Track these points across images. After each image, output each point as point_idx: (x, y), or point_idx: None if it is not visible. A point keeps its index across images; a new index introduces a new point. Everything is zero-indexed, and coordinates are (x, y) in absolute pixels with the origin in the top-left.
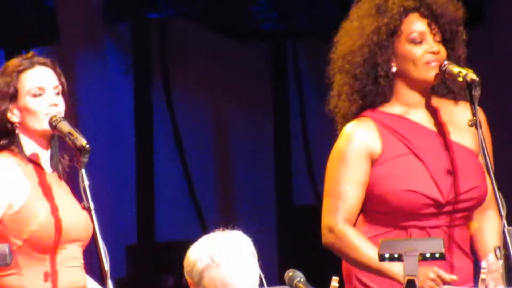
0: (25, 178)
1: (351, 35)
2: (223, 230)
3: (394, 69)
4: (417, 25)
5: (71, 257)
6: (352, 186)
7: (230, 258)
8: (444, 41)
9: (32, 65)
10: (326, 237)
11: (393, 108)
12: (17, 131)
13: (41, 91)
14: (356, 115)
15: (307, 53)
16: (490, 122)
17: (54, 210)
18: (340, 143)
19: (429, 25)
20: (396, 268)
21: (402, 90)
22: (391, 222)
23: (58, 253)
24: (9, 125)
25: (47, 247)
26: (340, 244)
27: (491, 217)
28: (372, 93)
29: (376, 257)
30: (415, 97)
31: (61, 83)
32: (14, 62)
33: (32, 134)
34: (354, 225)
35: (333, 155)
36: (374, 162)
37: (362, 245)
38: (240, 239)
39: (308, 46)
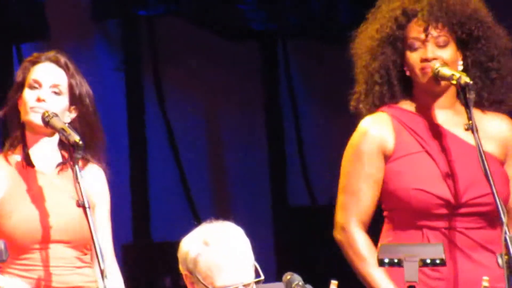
0: (5, 178)
1: (362, 37)
2: (212, 221)
3: (408, 73)
4: (414, 31)
5: (56, 257)
6: (367, 184)
7: (221, 239)
8: (463, 43)
9: (45, 59)
10: (338, 234)
11: (411, 105)
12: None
13: (37, 84)
14: (373, 111)
15: (297, 52)
16: None
17: (33, 211)
18: (355, 138)
19: (426, 30)
20: None
21: (419, 92)
22: (404, 221)
23: (39, 253)
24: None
25: (23, 247)
26: (348, 247)
27: None
28: (387, 94)
29: (377, 277)
30: (433, 99)
31: (70, 85)
32: (37, 54)
33: (26, 125)
34: (369, 225)
35: (348, 151)
36: (387, 158)
37: (368, 259)
38: (230, 224)
39: (299, 45)
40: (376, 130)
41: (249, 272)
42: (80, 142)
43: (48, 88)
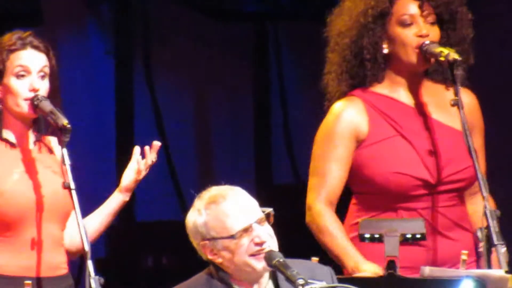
0: None
1: (343, 15)
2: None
3: (385, 51)
4: (407, 7)
5: (45, 235)
6: (336, 166)
7: (221, 195)
8: (442, 22)
9: (24, 46)
10: (307, 217)
11: (383, 89)
12: (1, 107)
13: (26, 73)
14: (345, 94)
15: (288, 34)
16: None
17: (22, 189)
18: (327, 121)
19: (420, 7)
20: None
21: (393, 71)
22: (380, 204)
23: (28, 230)
24: None
25: (13, 225)
26: (313, 224)
27: (480, 201)
28: (359, 75)
29: (342, 245)
30: (406, 79)
31: (51, 67)
32: (8, 38)
33: (11, 113)
34: (337, 205)
35: (320, 133)
36: (360, 142)
37: (336, 233)
38: (227, 186)
39: (290, 27)
40: (349, 114)
41: (257, 210)
42: (69, 126)
43: (36, 74)
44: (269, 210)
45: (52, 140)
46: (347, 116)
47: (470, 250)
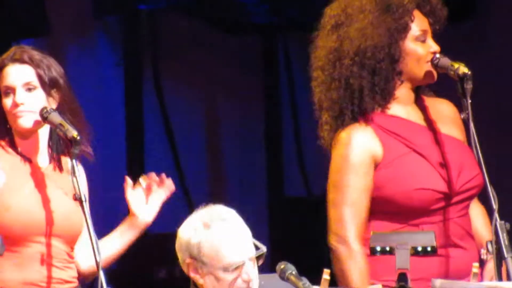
0: (2, 170)
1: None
2: (203, 206)
3: (398, 69)
4: (421, 23)
5: (50, 252)
6: (363, 195)
7: (220, 221)
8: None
9: (9, 62)
10: (336, 245)
11: (385, 108)
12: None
13: (9, 90)
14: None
15: (298, 45)
16: (482, 116)
17: (30, 205)
18: (341, 150)
19: (430, 23)
20: None
21: (399, 89)
22: (401, 221)
23: (33, 247)
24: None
25: (19, 241)
26: (349, 259)
27: (474, 207)
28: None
29: None
30: (408, 96)
31: (40, 76)
32: (5, 56)
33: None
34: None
35: (338, 163)
36: (377, 165)
37: (365, 278)
38: (222, 206)
39: (299, 38)
40: (361, 140)
41: (251, 247)
42: (78, 138)
43: (21, 88)
44: (263, 251)
45: (69, 161)
46: (360, 143)
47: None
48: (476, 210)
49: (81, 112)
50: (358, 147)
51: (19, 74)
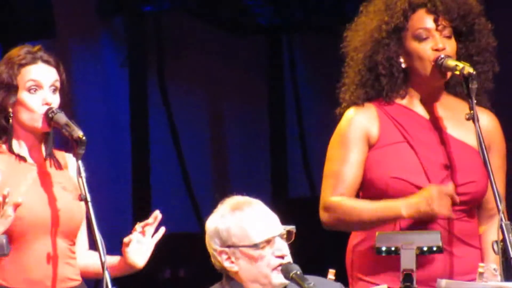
0: None
1: (358, 31)
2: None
3: (403, 65)
4: (422, 21)
5: (52, 249)
6: (350, 167)
7: (246, 204)
8: (460, 35)
9: (34, 60)
10: (323, 217)
11: (401, 100)
12: (11, 121)
13: (38, 87)
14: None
15: (302, 46)
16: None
17: (30, 204)
18: (340, 126)
19: (435, 21)
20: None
21: (412, 86)
22: None
23: (35, 244)
24: (8, 115)
25: (21, 239)
26: (334, 217)
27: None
28: (375, 88)
29: (373, 207)
30: (425, 93)
31: (61, 81)
32: (18, 53)
33: (24, 127)
34: None
35: (333, 138)
36: (371, 146)
37: (358, 204)
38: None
39: (304, 40)
40: (361, 118)
41: (279, 225)
42: (84, 138)
43: (48, 88)
44: (292, 227)
45: (67, 155)
46: (359, 119)
47: (474, 268)
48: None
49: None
50: (354, 124)
51: (47, 74)
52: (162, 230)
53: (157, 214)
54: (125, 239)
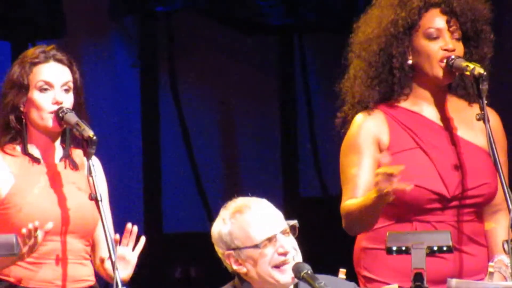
0: (9, 172)
1: (371, 22)
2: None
3: (410, 62)
4: (435, 21)
5: (66, 249)
6: (363, 172)
7: (245, 205)
8: (467, 39)
9: (46, 59)
10: (343, 224)
11: (407, 103)
12: (24, 122)
13: (49, 86)
14: (371, 104)
15: (314, 46)
16: None
17: (42, 204)
18: (350, 133)
19: (448, 22)
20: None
21: (418, 84)
22: (396, 214)
23: (49, 245)
24: (20, 114)
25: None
26: (347, 219)
27: (503, 220)
28: (387, 82)
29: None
30: (430, 93)
31: (74, 80)
32: (32, 53)
33: (36, 128)
34: None
35: (344, 145)
36: (381, 151)
37: (352, 201)
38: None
39: (315, 39)
40: (370, 124)
41: (282, 221)
42: (94, 137)
43: (60, 87)
44: (294, 222)
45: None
46: (368, 126)
47: (485, 267)
48: (501, 226)
49: (87, 117)
50: (364, 130)
51: (59, 73)
52: (143, 240)
53: (130, 228)
54: (101, 256)
